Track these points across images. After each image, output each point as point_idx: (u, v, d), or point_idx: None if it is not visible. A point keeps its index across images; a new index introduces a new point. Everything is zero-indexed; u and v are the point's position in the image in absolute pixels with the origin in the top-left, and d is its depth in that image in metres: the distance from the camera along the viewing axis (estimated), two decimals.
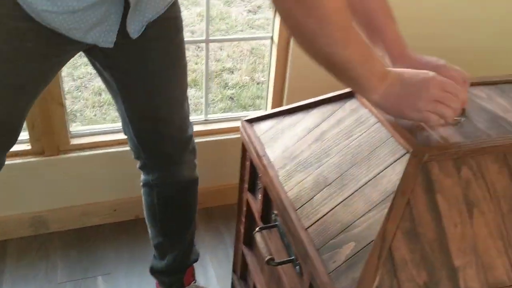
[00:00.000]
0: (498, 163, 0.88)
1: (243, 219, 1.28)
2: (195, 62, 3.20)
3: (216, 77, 3.11)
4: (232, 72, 3.17)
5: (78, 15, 0.96)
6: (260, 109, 1.87)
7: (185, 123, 1.27)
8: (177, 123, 1.24)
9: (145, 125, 1.22)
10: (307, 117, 1.09)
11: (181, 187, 1.34)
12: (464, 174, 0.85)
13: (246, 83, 3.06)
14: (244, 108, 2.85)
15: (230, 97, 2.93)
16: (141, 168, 1.32)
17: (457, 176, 0.85)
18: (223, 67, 3.21)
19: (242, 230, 1.30)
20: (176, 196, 1.35)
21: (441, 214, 0.82)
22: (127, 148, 1.31)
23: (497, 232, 0.84)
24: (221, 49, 3.34)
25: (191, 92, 2.54)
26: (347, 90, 1.05)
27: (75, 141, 1.59)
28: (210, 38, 1.65)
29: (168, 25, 1.12)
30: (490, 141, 0.89)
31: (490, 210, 0.85)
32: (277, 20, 1.55)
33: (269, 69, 1.66)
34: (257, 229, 1.06)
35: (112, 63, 1.13)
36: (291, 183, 0.98)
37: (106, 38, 1.02)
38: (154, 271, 1.47)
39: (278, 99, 1.70)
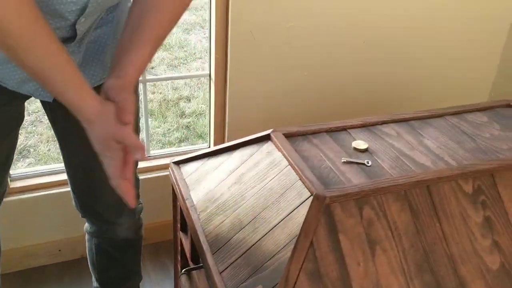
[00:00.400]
0: (400, 201, 0.93)
1: (179, 258, 1.30)
2: (152, 91, 3.24)
3: (173, 106, 3.14)
4: (189, 100, 3.21)
5: (8, 66, 0.91)
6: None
7: None
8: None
9: (81, 183, 1.20)
10: (229, 159, 1.12)
11: (118, 245, 1.32)
12: (366, 214, 0.90)
13: (203, 111, 3.10)
14: (200, 137, 2.88)
15: (187, 126, 2.96)
16: (82, 217, 1.31)
17: (359, 216, 0.89)
18: (180, 95, 3.24)
19: (179, 268, 1.32)
20: (114, 252, 1.33)
21: (344, 254, 0.86)
22: (69, 188, 1.31)
23: (399, 268, 0.89)
24: None
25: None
26: (265, 133, 1.09)
27: (16, 184, 1.59)
28: (147, 78, 1.69)
29: None
30: (391, 180, 0.94)
31: (392, 247, 0.90)
32: (213, 57, 1.60)
33: (209, 103, 1.71)
34: (182, 271, 1.09)
35: (53, 117, 1.11)
36: (211, 226, 1.01)
37: (45, 92, 0.97)
38: None
39: (220, 132, 1.74)
